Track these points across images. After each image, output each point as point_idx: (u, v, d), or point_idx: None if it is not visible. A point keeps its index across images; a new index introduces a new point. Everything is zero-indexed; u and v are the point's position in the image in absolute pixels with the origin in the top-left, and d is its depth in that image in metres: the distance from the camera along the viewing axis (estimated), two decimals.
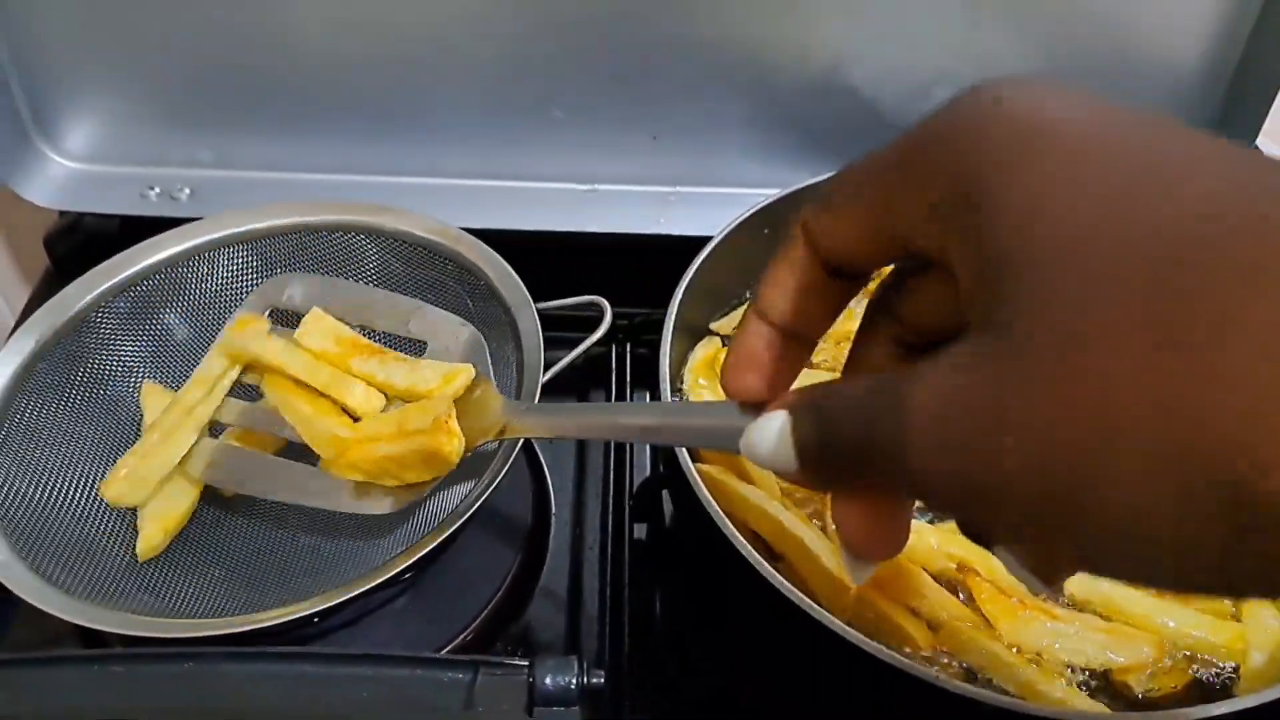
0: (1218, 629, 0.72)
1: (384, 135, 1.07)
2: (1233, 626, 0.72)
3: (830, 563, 0.73)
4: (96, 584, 0.74)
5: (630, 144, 1.07)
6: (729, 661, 0.82)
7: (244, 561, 0.80)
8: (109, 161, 1.07)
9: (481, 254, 0.86)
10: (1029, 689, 0.68)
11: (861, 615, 0.72)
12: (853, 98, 1.03)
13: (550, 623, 0.84)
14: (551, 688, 0.59)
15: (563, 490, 0.93)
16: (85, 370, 0.84)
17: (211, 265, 0.89)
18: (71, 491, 0.79)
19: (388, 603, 0.81)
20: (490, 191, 1.09)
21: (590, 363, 1.02)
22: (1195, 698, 0.70)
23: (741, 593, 0.69)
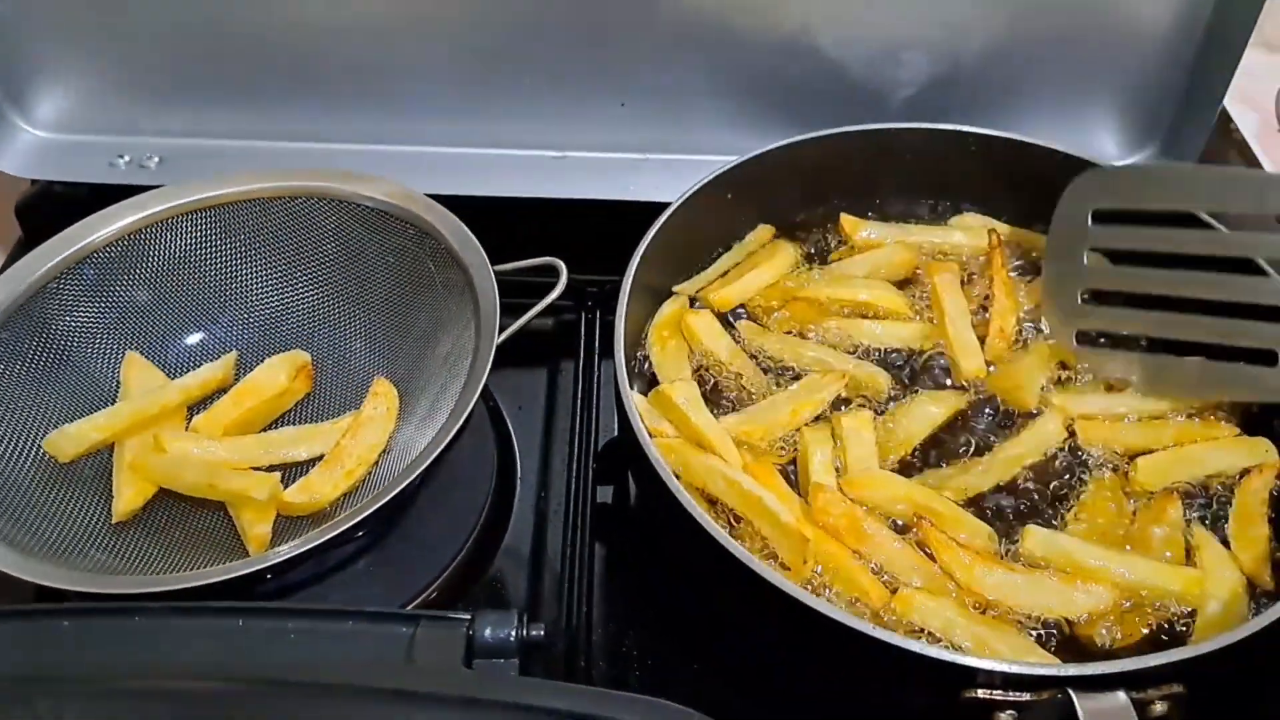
0: (1173, 576, 0.72)
1: (355, 104, 1.07)
2: (1188, 573, 0.73)
3: (789, 519, 0.73)
4: (56, 545, 0.75)
5: (600, 111, 1.07)
6: (689, 621, 0.83)
7: (206, 524, 0.81)
8: (79, 130, 1.07)
9: (440, 217, 0.87)
10: (982, 644, 0.68)
11: (824, 567, 0.73)
12: (821, 63, 1.03)
13: (512, 585, 0.85)
14: (491, 640, 0.60)
15: (529, 454, 0.93)
16: (46, 337, 0.85)
17: (173, 233, 0.90)
18: (33, 455, 0.80)
19: (348, 564, 0.82)
20: (461, 159, 1.09)
21: (560, 329, 1.03)
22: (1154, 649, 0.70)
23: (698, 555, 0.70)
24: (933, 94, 1.04)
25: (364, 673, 0.57)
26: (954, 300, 0.90)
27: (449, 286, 0.86)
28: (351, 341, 0.92)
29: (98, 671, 0.57)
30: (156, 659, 0.59)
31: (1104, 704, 0.60)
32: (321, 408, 0.90)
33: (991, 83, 1.04)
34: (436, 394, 0.84)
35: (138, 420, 0.82)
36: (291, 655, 0.59)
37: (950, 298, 0.90)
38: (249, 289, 0.93)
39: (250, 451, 0.83)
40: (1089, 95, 1.05)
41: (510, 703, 0.55)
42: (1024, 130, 0.97)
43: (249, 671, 0.57)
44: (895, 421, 0.83)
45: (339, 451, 0.81)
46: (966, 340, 0.87)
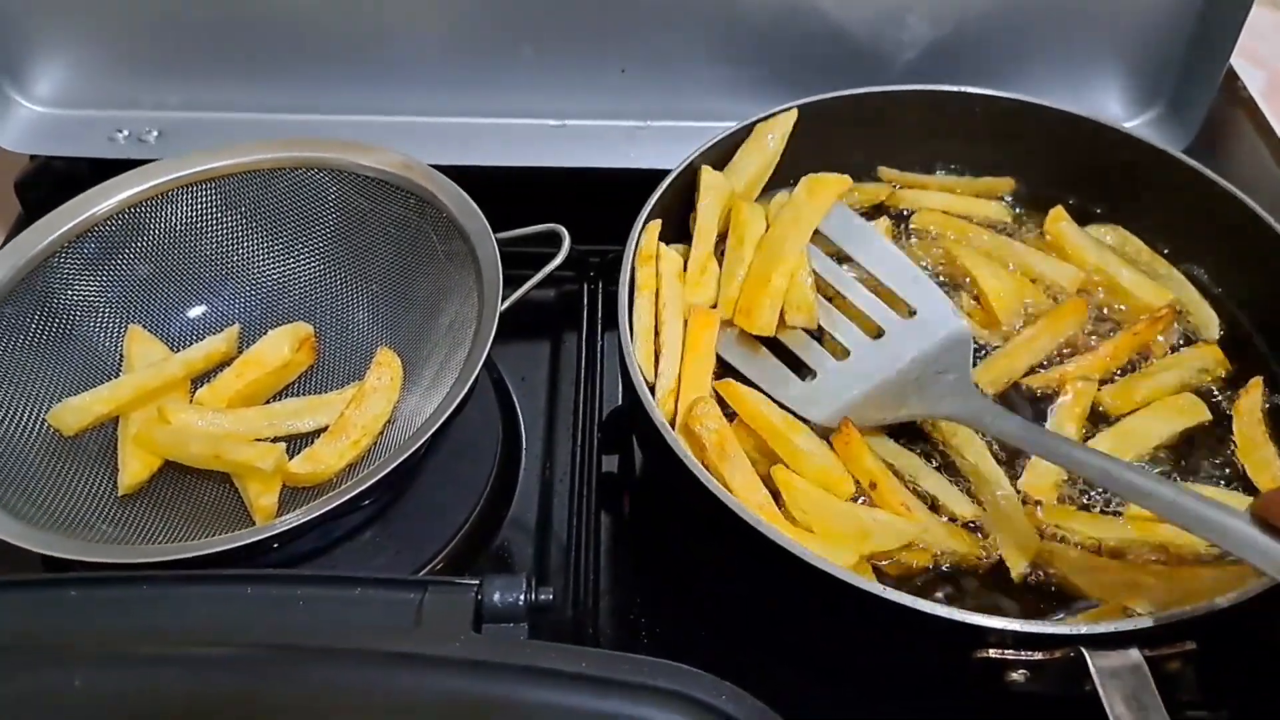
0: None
1: (354, 75, 1.06)
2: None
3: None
4: (63, 518, 0.75)
5: (599, 78, 1.06)
6: (695, 587, 0.82)
7: (212, 497, 0.81)
8: (77, 105, 1.07)
9: (440, 186, 0.86)
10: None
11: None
12: (822, 26, 1.02)
13: (519, 554, 0.85)
14: (499, 604, 0.60)
15: (533, 424, 0.93)
16: (48, 311, 0.85)
17: (174, 205, 0.89)
18: (37, 427, 0.80)
19: (355, 535, 0.82)
20: (461, 129, 1.08)
21: (563, 300, 1.03)
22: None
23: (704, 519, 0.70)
24: (935, 56, 1.03)
25: (373, 637, 0.57)
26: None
27: (451, 255, 0.86)
28: (354, 312, 0.92)
29: (105, 639, 0.57)
30: (164, 626, 0.59)
31: (1117, 662, 0.59)
32: (325, 379, 0.89)
33: (995, 44, 1.03)
34: (440, 363, 0.84)
35: (141, 393, 0.82)
36: (300, 621, 0.59)
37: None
38: (251, 261, 0.92)
39: (254, 423, 0.82)
40: (1093, 55, 1.04)
41: (520, 665, 0.55)
42: (1028, 91, 0.96)
43: (257, 638, 0.57)
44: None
45: (343, 422, 0.81)
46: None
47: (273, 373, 0.85)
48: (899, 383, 0.80)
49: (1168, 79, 1.04)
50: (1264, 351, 0.85)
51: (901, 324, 0.83)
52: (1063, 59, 1.04)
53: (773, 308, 0.82)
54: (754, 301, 0.82)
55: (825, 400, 0.80)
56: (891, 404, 0.78)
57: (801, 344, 0.83)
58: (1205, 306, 0.87)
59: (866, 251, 0.87)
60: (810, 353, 0.83)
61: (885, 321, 0.84)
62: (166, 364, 0.85)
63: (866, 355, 0.82)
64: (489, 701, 0.54)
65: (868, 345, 0.83)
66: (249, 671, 0.55)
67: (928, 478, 0.77)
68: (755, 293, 0.82)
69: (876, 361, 0.82)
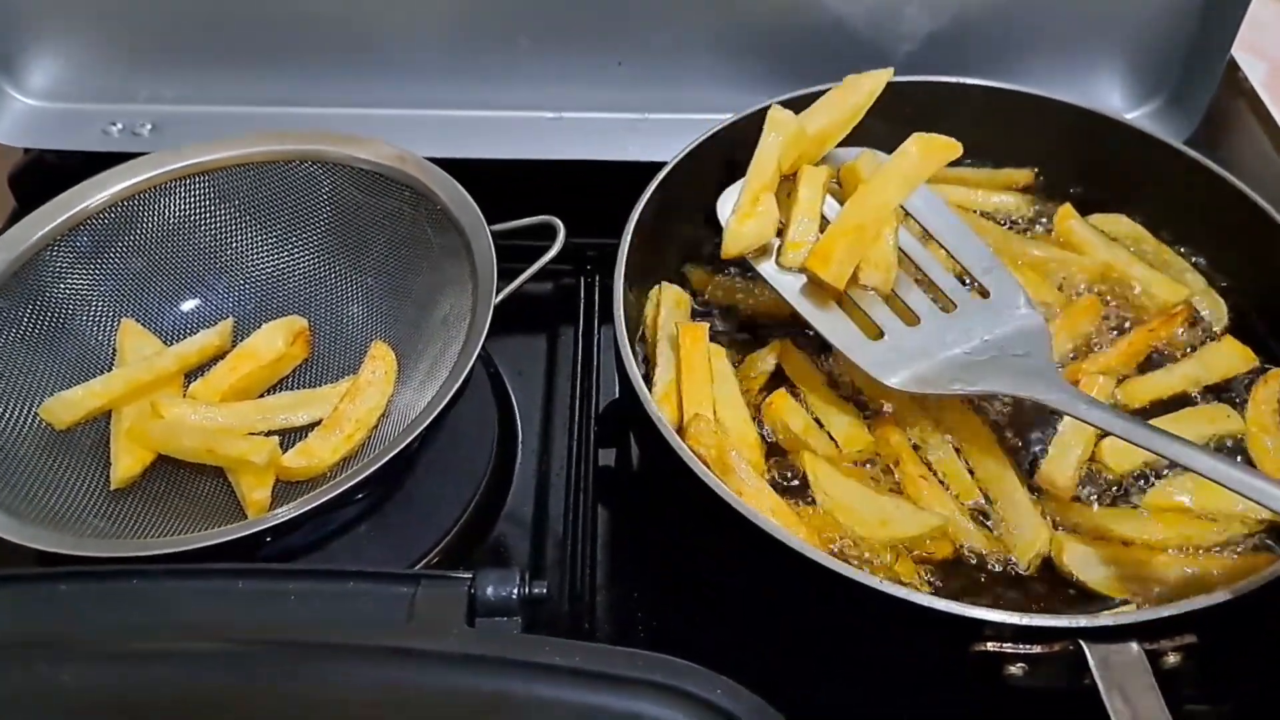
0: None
1: (349, 67, 1.06)
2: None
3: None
4: (55, 512, 0.75)
5: (597, 71, 1.05)
6: (692, 581, 0.82)
7: (205, 491, 0.80)
8: (71, 99, 1.06)
9: (435, 179, 0.86)
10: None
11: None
12: (820, 17, 1.01)
13: (515, 548, 0.84)
14: (493, 598, 0.59)
15: (530, 419, 0.92)
16: (41, 305, 0.84)
17: (167, 198, 0.89)
18: (29, 421, 0.80)
19: (350, 529, 0.81)
20: (458, 122, 1.07)
21: (559, 293, 1.02)
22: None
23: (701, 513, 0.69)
24: (934, 47, 1.03)
25: (365, 632, 0.56)
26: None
27: (446, 248, 0.85)
28: (349, 305, 0.91)
29: (96, 634, 0.57)
30: (155, 621, 0.58)
31: (1116, 655, 0.59)
32: (320, 373, 0.89)
33: (994, 35, 1.02)
34: (435, 357, 0.83)
35: (134, 387, 0.81)
36: (292, 616, 0.59)
37: None
38: (245, 254, 0.92)
39: (248, 417, 0.82)
40: (1095, 46, 1.04)
41: (513, 659, 0.54)
42: (1030, 83, 0.95)
43: (249, 632, 0.56)
44: None
45: (337, 416, 0.81)
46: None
47: (266, 366, 0.85)
48: (971, 359, 0.77)
49: (1169, 70, 1.04)
50: (1268, 340, 0.84)
51: (975, 304, 0.80)
52: (1064, 50, 1.04)
53: (851, 259, 0.78)
54: (833, 248, 0.78)
55: (899, 365, 0.77)
56: (967, 377, 0.76)
57: (868, 302, 0.80)
58: (1213, 295, 0.87)
59: (944, 230, 0.84)
60: (877, 312, 0.80)
61: (959, 298, 0.81)
62: (159, 358, 0.84)
63: (939, 326, 0.79)
64: (482, 695, 0.53)
65: (941, 317, 0.80)
66: (240, 666, 0.55)
67: (941, 452, 0.77)
68: (838, 240, 0.79)
69: (950, 334, 0.79)
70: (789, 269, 0.81)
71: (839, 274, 0.78)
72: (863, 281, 0.80)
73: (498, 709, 0.53)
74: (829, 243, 0.79)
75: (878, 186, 0.80)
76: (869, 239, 0.79)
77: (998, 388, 0.75)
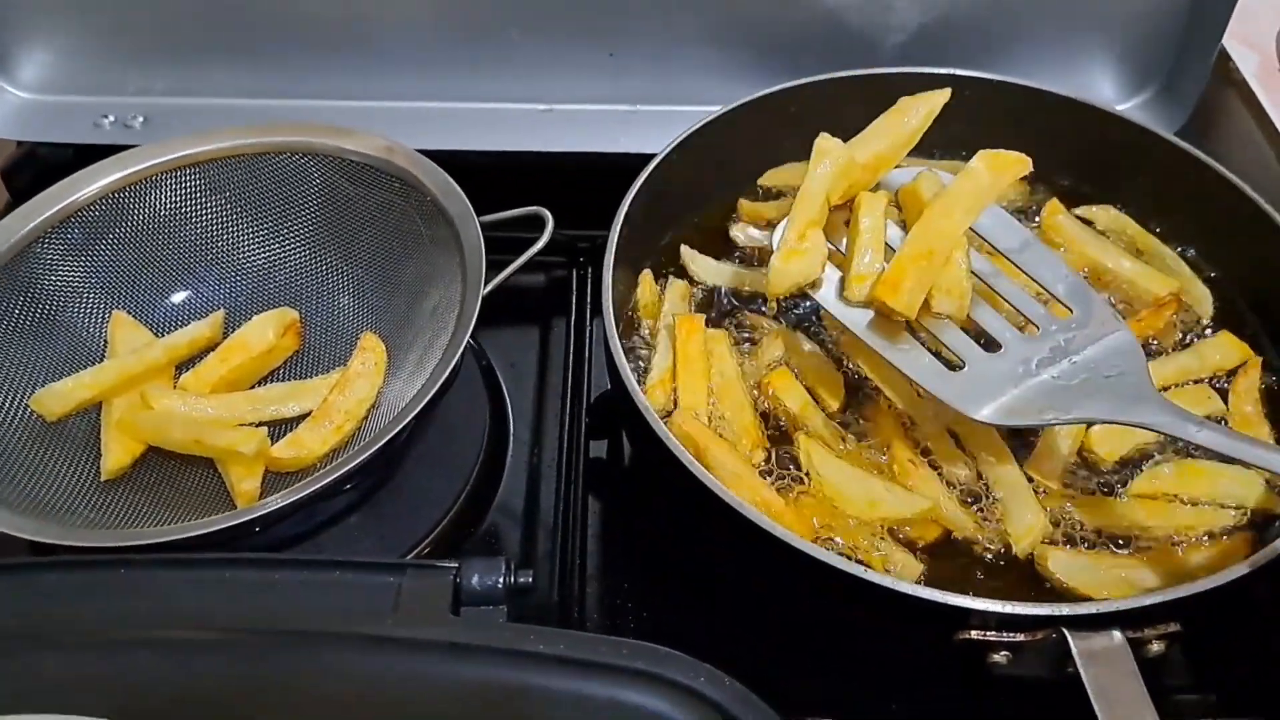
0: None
1: (340, 60, 1.06)
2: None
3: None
4: (46, 503, 0.75)
5: (588, 63, 1.05)
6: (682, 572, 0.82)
7: (195, 482, 0.81)
8: (62, 91, 1.07)
9: (425, 170, 0.86)
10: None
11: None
12: (811, 9, 1.01)
13: (505, 539, 0.85)
14: (478, 587, 0.59)
15: (521, 409, 0.92)
16: (32, 296, 0.85)
17: (158, 190, 0.89)
18: (20, 412, 0.80)
19: (340, 520, 0.81)
20: (448, 113, 1.08)
21: (551, 286, 1.02)
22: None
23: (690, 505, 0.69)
24: (925, 39, 1.03)
25: (351, 621, 0.57)
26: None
27: (435, 240, 0.86)
28: (339, 297, 0.92)
29: (88, 623, 0.57)
30: (141, 611, 0.59)
31: (1099, 644, 0.59)
32: (310, 364, 0.89)
33: (985, 26, 1.02)
34: (424, 348, 0.83)
35: (125, 378, 0.82)
36: (278, 605, 0.59)
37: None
38: (235, 246, 0.92)
39: (238, 408, 0.82)
40: (1085, 37, 1.04)
41: (498, 648, 0.54)
42: (1020, 74, 0.95)
43: (236, 621, 0.57)
44: None
45: (327, 407, 0.81)
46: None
47: (257, 358, 0.85)
48: (1060, 384, 0.73)
49: (1160, 61, 1.04)
50: (1255, 331, 0.84)
51: (1058, 324, 0.75)
52: (1055, 42, 1.04)
53: (922, 287, 0.73)
54: (903, 276, 0.73)
55: (984, 396, 0.72)
56: (1060, 404, 0.71)
57: (943, 331, 0.76)
58: (1199, 284, 0.87)
59: (1016, 247, 0.79)
60: (954, 340, 0.75)
61: (1040, 319, 0.76)
62: (150, 349, 0.84)
63: (1022, 351, 0.74)
64: (466, 684, 0.53)
65: (1024, 341, 0.75)
66: (227, 655, 0.55)
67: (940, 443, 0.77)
68: (907, 267, 0.73)
69: (1035, 359, 0.74)
70: (856, 303, 0.76)
71: (910, 303, 0.73)
72: (936, 309, 0.75)
73: (483, 696, 0.53)
74: (898, 271, 0.73)
75: (944, 209, 0.75)
76: (939, 264, 0.74)
77: (1095, 414, 0.71)
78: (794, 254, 0.76)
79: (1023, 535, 0.71)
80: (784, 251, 0.76)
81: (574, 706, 0.53)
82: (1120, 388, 0.71)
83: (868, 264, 0.76)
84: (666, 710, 0.52)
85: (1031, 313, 0.76)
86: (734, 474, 0.73)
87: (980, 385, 0.73)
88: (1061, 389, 0.72)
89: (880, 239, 0.77)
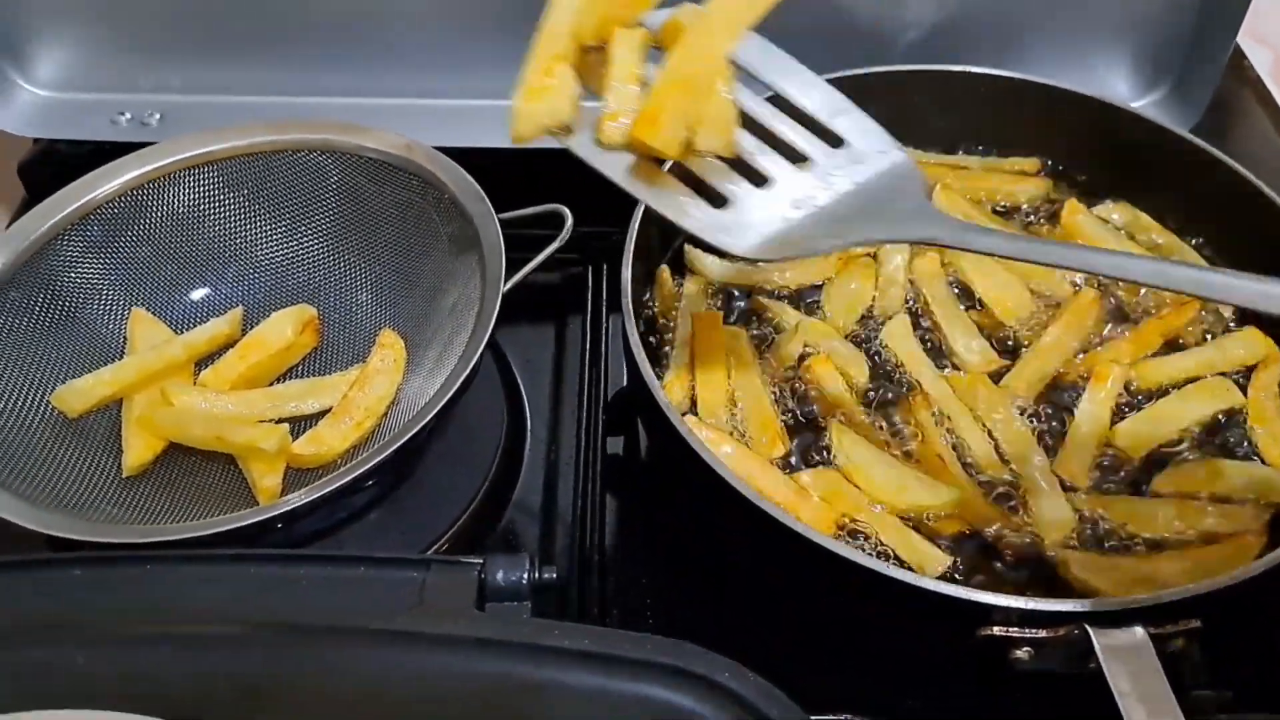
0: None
1: (354, 57, 1.06)
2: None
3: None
4: (68, 499, 0.75)
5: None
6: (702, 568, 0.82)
7: (216, 478, 0.81)
8: (79, 88, 1.07)
9: (443, 167, 0.86)
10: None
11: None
12: (826, 6, 1.01)
13: (524, 536, 0.85)
14: (503, 583, 0.60)
15: (538, 406, 0.93)
16: (52, 294, 0.85)
17: (176, 188, 0.89)
18: (42, 409, 0.80)
19: (359, 517, 0.82)
20: (465, 111, 1.07)
21: (567, 283, 1.02)
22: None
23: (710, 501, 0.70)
24: (940, 35, 1.02)
25: (376, 616, 0.57)
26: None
27: (454, 237, 0.86)
28: (357, 294, 0.92)
29: (112, 618, 0.57)
30: (169, 606, 0.59)
31: (1121, 640, 0.59)
32: (329, 361, 0.89)
33: (999, 23, 1.02)
34: (444, 345, 0.83)
35: (145, 375, 0.82)
36: (303, 601, 0.59)
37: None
38: (254, 243, 0.92)
39: (258, 405, 0.82)
40: (1099, 35, 1.04)
41: (523, 643, 0.55)
42: (1034, 72, 0.95)
43: (261, 617, 0.57)
44: None
45: (347, 404, 0.81)
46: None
47: (276, 355, 0.85)
48: (838, 210, 0.67)
49: (1174, 58, 1.04)
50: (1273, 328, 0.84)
51: (833, 153, 0.70)
52: (1069, 39, 1.04)
53: (682, 120, 0.65)
54: (661, 109, 0.63)
55: (748, 228, 0.66)
56: (836, 232, 0.66)
57: (710, 171, 0.68)
58: None
59: (787, 81, 0.73)
60: (721, 178, 0.68)
61: (814, 150, 0.70)
62: (169, 346, 0.85)
63: (794, 183, 0.68)
64: (492, 679, 0.54)
65: (794, 172, 0.69)
66: (252, 650, 0.55)
67: (971, 432, 0.78)
68: (665, 99, 0.64)
69: (807, 189, 0.68)
70: (612, 145, 0.66)
71: (671, 139, 0.64)
72: (700, 146, 0.66)
73: (507, 691, 0.53)
74: (655, 104, 0.64)
75: (703, 31, 0.66)
76: (701, 95, 0.65)
77: (871, 235, 0.67)
78: (538, 92, 0.66)
79: (1051, 531, 0.72)
80: (525, 90, 0.67)
81: (599, 701, 0.53)
82: (897, 210, 0.66)
83: (622, 101, 0.65)
84: (692, 705, 0.52)
85: (804, 143, 0.70)
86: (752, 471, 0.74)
87: (748, 220, 0.67)
88: (837, 218, 0.67)
89: (634, 72, 0.66)
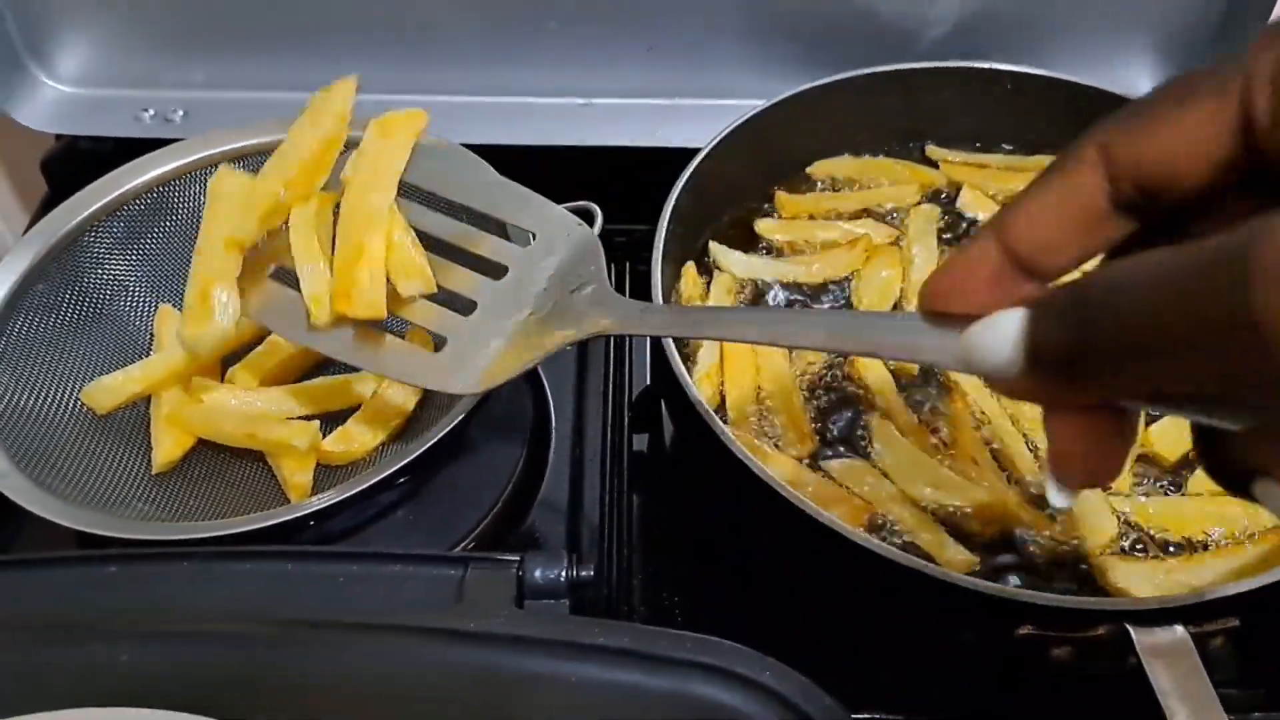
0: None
1: (379, 52, 1.06)
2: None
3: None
4: (98, 496, 0.75)
5: (626, 56, 1.05)
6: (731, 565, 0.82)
7: (246, 475, 0.81)
8: (102, 84, 1.07)
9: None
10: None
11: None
12: (851, 3, 1.01)
13: (551, 534, 0.85)
14: (541, 580, 0.60)
15: (563, 404, 0.92)
16: (80, 290, 0.85)
17: (202, 184, 0.89)
18: (72, 405, 0.80)
19: (389, 513, 0.82)
20: (486, 107, 1.08)
21: None
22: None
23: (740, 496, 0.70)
24: (963, 32, 1.02)
25: (415, 613, 0.57)
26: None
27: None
28: None
29: (148, 615, 0.57)
30: (205, 602, 0.59)
31: (1162, 638, 0.59)
32: None
33: (1023, 20, 1.02)
34: None
35: (173, 372, 0.81)
36: (341, 597, 0.59)
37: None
38: None
39: (287, 402, 0.82)
40: (1124, 31, 1.03)
41: (564, 641, 0.54)
42: (1057, 69, 0.95)
43: (298, 614, 0.57)
44: None
45: (376, 401, 0.81)
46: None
47: (304, 350, 0.85)
48: (539, 316, 0.64)
49: (1198, 55, 1.03)
50: None
51: (524, 253, 0.68)
52: (1094, 35, 1.04)
53: (378, 283, 0.65)
54: (351, 281, 0.65)
55: (465, 366, 0.64)
56: (539, 341, 0.63)
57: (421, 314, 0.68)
58: None
59: (463, 189, 0.73)
60: (431, 319, 0.67)
61: (507, 257, 0.68)
62: None
63: (495, 299, 0.66)
64: (532, 676, 0.54)
65: (493, 287, 0.66)
66: (291, 646, 0.55)
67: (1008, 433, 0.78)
68: (349, 269, 0.65)
69: (509, 301, 0.65)
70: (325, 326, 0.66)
71: (374, 303, 0.65)
72: (404, 294, 0.67)
73: (549, 688, 0.53)
74: (343, 277, 0.65)
75: (357, 196, 0.68)
76: (377, 254, 0.66)
77: (568, 338, 0.62)
78: (198, 319, 0.68)
79: (1094, 536, 0.72)
80: (189, 320, 0.68)
81: (640, 700, 0.53)
82: (585, 300, 0.63)
83: (316, 283, 0.66)
84: (735, 704, 0.52)
85: (496, 252, 0.68)
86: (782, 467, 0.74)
87: (464, 355, 0.64)
88: (539, 320, 0.64)
89: (316, 251, 0.68)
